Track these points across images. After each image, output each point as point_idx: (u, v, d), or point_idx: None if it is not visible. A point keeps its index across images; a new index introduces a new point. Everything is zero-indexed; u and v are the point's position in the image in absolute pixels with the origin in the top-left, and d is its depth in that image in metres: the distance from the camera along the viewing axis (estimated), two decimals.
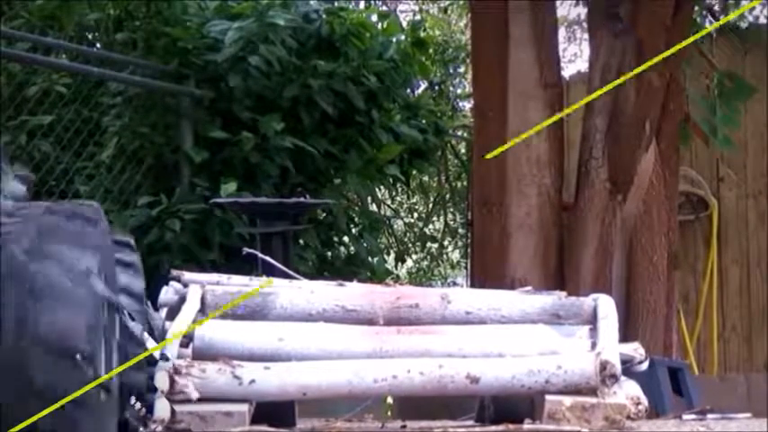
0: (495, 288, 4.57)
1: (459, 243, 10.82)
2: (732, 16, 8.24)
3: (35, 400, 2.09)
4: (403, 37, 8.16)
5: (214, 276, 4.03)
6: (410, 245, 10.98)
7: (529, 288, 4.36)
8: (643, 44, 6.46)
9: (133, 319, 2.83)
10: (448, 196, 10.60)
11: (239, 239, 6.43)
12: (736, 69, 7.69)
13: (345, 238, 8.06)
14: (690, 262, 7.94)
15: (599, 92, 6.46)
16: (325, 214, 7.71)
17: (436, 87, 9.86)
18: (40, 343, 2.12)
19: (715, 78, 7.22)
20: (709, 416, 5.28)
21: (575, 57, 11.64)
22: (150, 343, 3.08)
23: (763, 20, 8.74)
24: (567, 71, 8.85)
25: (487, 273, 6.64)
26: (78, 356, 2.16)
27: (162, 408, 3.10)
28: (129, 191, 7.04)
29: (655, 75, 6.50)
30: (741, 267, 7.98)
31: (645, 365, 3.78)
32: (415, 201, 11.27)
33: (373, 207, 9.27)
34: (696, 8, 7.46)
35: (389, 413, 6.47)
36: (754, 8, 8.77)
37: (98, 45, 7.79)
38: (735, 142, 7.22)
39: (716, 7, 8.67)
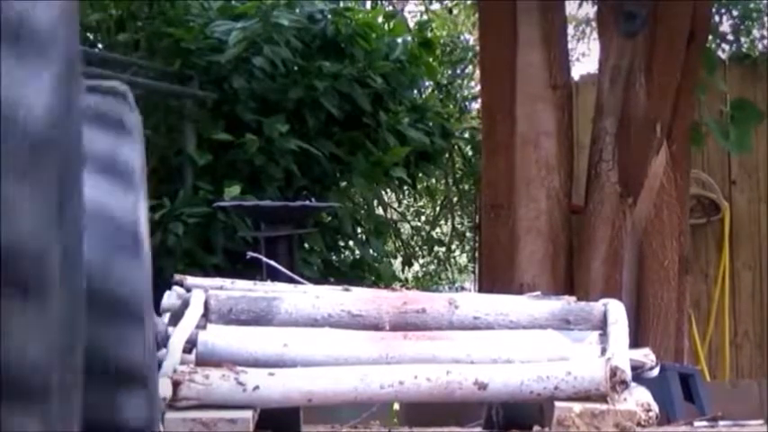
0: (503, 293, 4.58)
1: (467, 247, 10.76)
2: None
3: None
4: (409, 38, 8.11)
5: (218, 281, 4.01)
6: (417, 249, 10.91)
7: (537, 293, 4.32)
8: (661, 43, 6.41)
9: None
10: (455, 199, 10.53)
11: (243, 243, 6.40)
12: (748, 95, 7.66)
13: (351, 242, 8.03)
14: (701, 266, 7.86)
15: None
16: (330, 218, 7.68)
17: (443, 89, 9.79)
18: None
19: (728, 104, 7.22)
20: (721, 422, 5.23)
21: (582, 56, 11.56)
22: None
23: None
24: (576, 70, 8.79)
25: (495, 277, 6.59)
26: None
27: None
28: None
29: (666, 76, 6.45)
30: (753, 272, 7.90)
31: (655, 371, 3.76)
32: (421, 204, 11.19)
33: (379, 210, 9.24)
34: (710, 37, 7.49)
35: (396, 420, 6.42)
36: (764, 37, 8.87)
37: (100, 46, 7.74)
38: (749, 144, 7.17)
39: (728, 36, 8.79)
